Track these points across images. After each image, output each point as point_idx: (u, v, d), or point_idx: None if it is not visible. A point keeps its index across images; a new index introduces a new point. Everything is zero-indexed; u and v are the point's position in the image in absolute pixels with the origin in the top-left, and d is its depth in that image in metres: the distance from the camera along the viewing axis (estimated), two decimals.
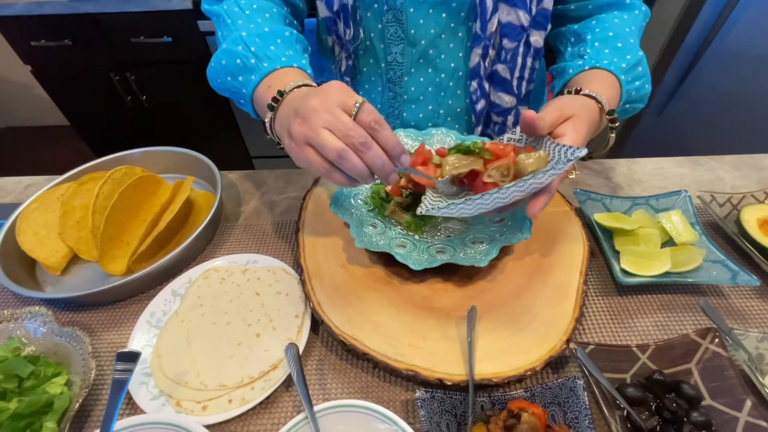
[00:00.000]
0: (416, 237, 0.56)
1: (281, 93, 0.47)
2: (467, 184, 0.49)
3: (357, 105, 0.40)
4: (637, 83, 0.57)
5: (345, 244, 0.57)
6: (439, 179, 0.47)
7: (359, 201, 0.60)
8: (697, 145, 1.66)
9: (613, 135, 0.54)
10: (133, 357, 0.41)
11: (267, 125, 0.49)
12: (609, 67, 0.55)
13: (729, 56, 1.43)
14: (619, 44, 0.58)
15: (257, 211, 0.71)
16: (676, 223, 0.59)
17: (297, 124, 0.41)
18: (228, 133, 1.92)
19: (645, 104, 0.61)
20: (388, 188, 0.58)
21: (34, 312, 0.50)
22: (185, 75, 1.70)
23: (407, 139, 0.67)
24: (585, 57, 0.58)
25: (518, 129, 0.49)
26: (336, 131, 0.39)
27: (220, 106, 1.80)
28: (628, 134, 1.76)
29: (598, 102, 0.51)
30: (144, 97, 1.77)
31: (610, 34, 0.59)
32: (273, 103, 0.47)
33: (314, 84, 0.49)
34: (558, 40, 0.69)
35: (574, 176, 0.58)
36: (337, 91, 0.41)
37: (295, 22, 0.64)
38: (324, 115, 0.40)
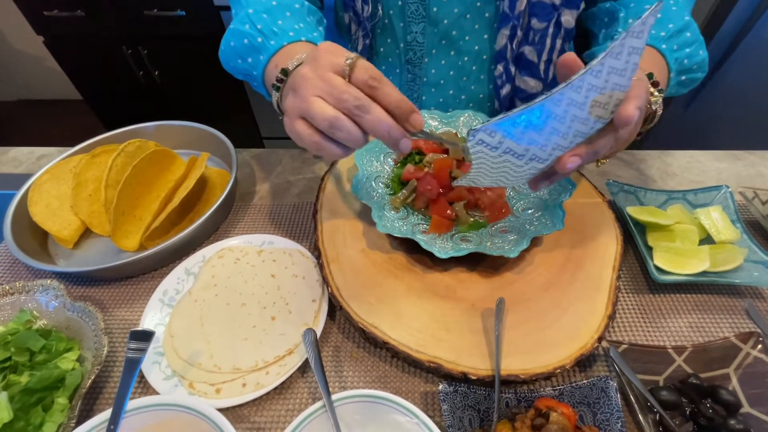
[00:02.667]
0: None
1: (285, 72, 0.42)
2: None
3: (348, 63, 0.35)
4: (687, 50, 0.51)
5: (365, 229, 0.54)
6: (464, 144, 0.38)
7: (380, 184, 0.57)
8: (725, 140, 1.59)
9: (660, 108, 0.47)
10: (146, 336, 0.39)
11: (276, 108, 0.45)
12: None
13: (765, 48, 1.36)
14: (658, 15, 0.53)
15: (273, 191, 0.68)
16: (715, 219, 0.56)
17: (290, 97, 0.37)
18: (240, 113, 1.89)
19: (705, 73, 0.55)
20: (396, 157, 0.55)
21: (46, 285, 0.49)
22: (198, 50, 1.67)
23: (432, 122, 0.64)
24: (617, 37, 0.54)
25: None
26: (328, 97, 0.34)
27: (232, 84, 1.77)
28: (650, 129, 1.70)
29: (647, 76, 0.44)
30: (156, 72, 1.75)
31: (647, 6, 0.55)
32: (278, 83, 0.42)
33: None
34: (591, 22, 0.64)
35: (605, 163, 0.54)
36: (326, 52, 0.36)
37: None
38: (315, 81, 0.35)
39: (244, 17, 0.50)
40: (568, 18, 0.60)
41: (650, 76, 0.45)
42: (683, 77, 0.53)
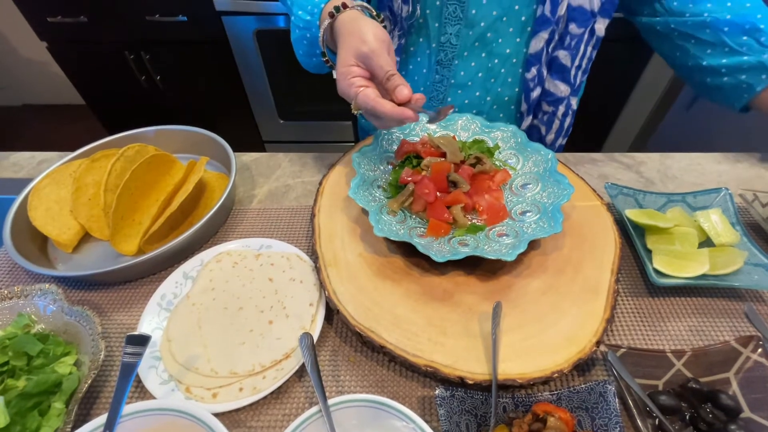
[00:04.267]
0: None
1: (338, 8, 0.51)
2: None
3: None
4: None
5: (363, 232, 0.54)
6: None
7: (378, 188, 0.57)
8: (726, 142, 1.59)
9: None
10: (142, 341, 0.39)
11: (321, 35, 0.53)
12: None
13: None
14: None
15: (271, 194, 0.68)
16: (715, 222, 0.55)
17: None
18: (241, 116, 1.90)
19: None
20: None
21: (44, 289, 0.49)
22: (200, 55, 1.68)
23: (430, 125, 0.64)
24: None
25: None
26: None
27: (233, 88, 1.78)
28: (654, 129, 1.69)
29: None
30: (158, 76, 1.76)
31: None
32: (334, 12, 0.51)
33: (363, 4, 0.53)
34: (679, 36, 0.65)
35: None
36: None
37: None
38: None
39: (298, 2, 0.57)
40: (601, 26, 0.62)
41: None
42: None
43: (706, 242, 0.56)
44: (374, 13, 0.53)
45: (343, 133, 1.88)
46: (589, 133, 1.86)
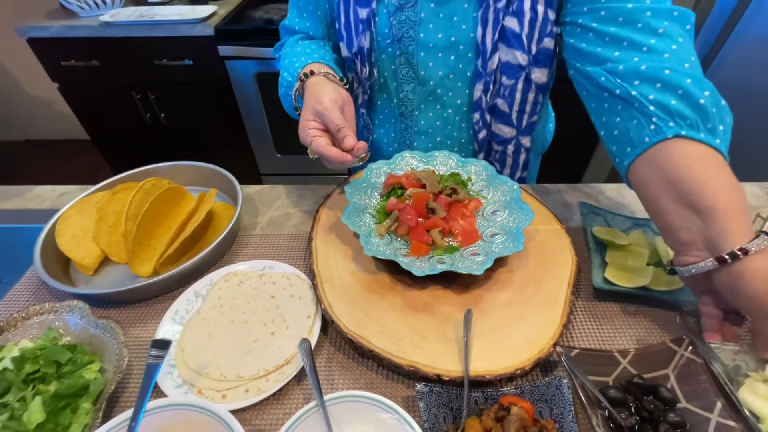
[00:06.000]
0: None
1: (306, 75, 0.64)
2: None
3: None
4: (723, 124, 0.48)
5: (354, 253, 0.62)
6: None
7: (368, 215, 0.66)
8: None
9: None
10: (165, 345, 0.46)
11: (292, 94, 0.68)
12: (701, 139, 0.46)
13: (721, 90, 1.51)
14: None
15: (272, 222, 0.76)
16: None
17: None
18: (240, 151, 2.00)
19: (731, 116, 0.50)
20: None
21: (72, 306, 0.55)
22: (202, 95, 1.80)
23: (413, 161, 0.73)
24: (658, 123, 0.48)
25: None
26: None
27: (234, 125, 1.89)
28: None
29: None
30: (162, 114, 1.86)
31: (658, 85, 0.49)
32: (303, 78, 0.65)
33: (328, 71, 0.65)
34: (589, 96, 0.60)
35: None
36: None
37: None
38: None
39: (283, 66, 0.73)
40: (539, 75, 0.68)
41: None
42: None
43: (660, 263, 0.64)
44: (337, 79, 0.65)
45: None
46: (567, 167, 1.99)
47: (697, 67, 0.50)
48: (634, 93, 0.50)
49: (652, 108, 0.49)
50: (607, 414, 0.48)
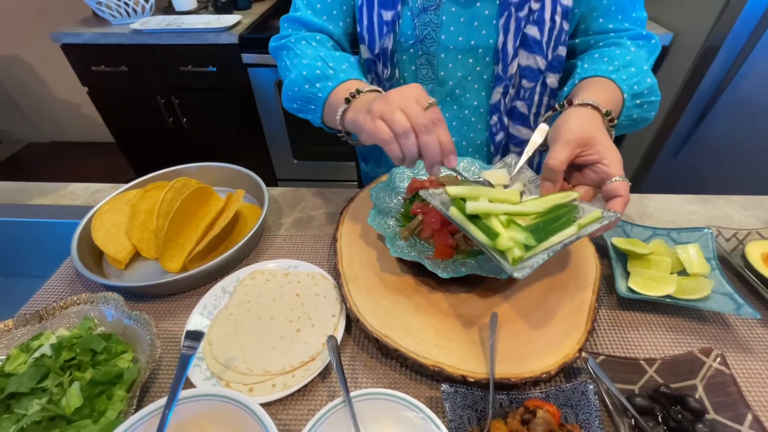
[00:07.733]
0: None
1: (359, 91, 0.56)
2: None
3: (429, 102, 0.49)
4: (635, 78, 0.61)
5: (378, 255, 0.63)
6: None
7: (392, 218, 0.67)
8: (711, 189, 1.70)
9: (613, 132, 0.58)
10: (198, 336, 0.47)
11: (339, 114, 0.57)
12: (597, 73, 0.61)
13: (741, 105, 1.50)
14: (605, 58, 0.64)
15: (296, 223, 0.78)
16: (691, 255, 0.63)
17: (379, 102, 0.50)
18: (258, 156, 2.04)
19: (659, 96, 0.63)
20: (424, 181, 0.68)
21: (107, 297, 0.57)
22: (224, 101, 1.85)
23: None
24: (574, 76, 0.65)
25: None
26: (408, 113, 0.48)
27: (252, 131, 1.94)
28: (643, 175, 1.81)
29: (595, 108, 0.54)
30: (185, 119, 1.92)
31: (596, 56, 0.66)
32: (350, 98, 0.56)
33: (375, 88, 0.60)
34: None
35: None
36: (416, 89, 0.51)
37: None
38: (402, 100, 0.49)
39: (316, 57, 0.63)
40: (552, 80, 0.73)
41: (608, 113, 0.55)
42: (638, 101, 0.62)
43: (683, 272, 0.64)
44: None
45: (348, 173, 2.04)
46: None
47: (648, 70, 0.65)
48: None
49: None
50: (633, 423, 0.47)
